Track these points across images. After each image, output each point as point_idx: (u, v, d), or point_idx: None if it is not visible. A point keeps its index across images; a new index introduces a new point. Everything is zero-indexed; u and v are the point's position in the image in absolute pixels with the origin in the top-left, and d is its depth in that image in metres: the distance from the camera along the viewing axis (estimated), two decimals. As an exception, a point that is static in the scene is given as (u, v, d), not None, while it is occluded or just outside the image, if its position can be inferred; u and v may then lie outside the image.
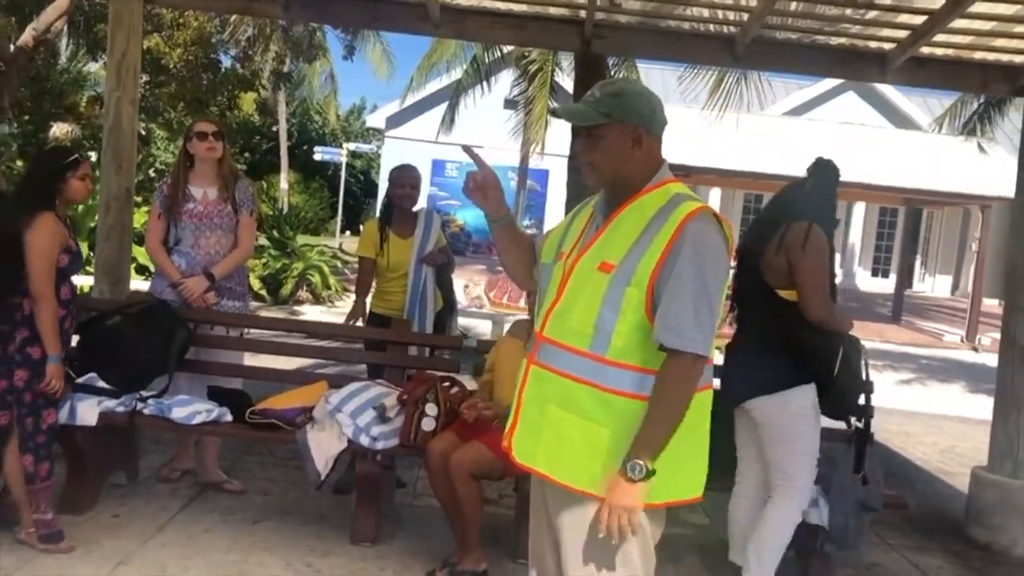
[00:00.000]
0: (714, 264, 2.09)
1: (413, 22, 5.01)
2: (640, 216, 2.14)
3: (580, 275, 2.17)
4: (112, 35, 4.80)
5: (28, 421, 3.46)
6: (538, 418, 2.20)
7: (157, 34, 13.29)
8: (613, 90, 2.20)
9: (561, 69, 15.92)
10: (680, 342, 2.03)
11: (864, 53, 5.10)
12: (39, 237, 3.41)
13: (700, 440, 2.22)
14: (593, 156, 2.20)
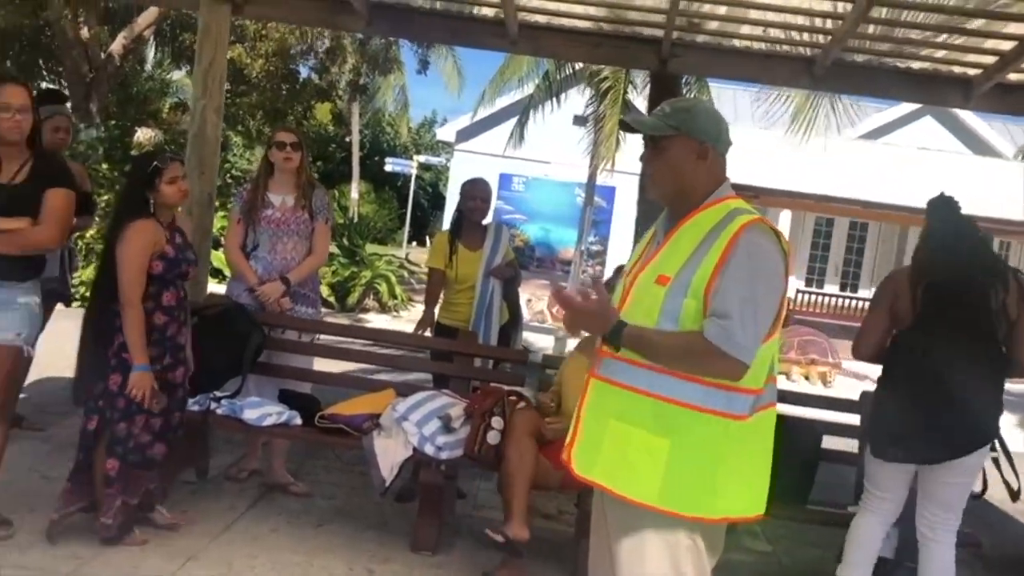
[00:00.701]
0: (766, 274, 2.11)
1: (491, 38, 5.08)
2: (697, 231, 2.18)
3: (639, 289, 2.23)
4: (200, 45, 4.96)
5: (120, 426, 3.46)
6: (599, 431, 2.22)
7: (240, 45, 13.67)
8: (683, 105, 2.30)
9: (634, 87, 15.88)
10: (724, 341, 2.03)
11: (948, 78, 4.99)
12: (125, 244, 3.47)
13: (763, 459, 2.24)
14: (657, 167, 2.26)
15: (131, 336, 3.44)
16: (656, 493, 2.11)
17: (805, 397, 4.76)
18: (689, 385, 2.11)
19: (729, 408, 2.12)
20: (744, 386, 2.12)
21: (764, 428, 2.22)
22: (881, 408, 3.49)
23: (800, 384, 11.26)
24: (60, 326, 7.81)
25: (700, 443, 2.11)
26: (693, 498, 2.11)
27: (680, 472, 2.10)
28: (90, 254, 9.90)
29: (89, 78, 12.73)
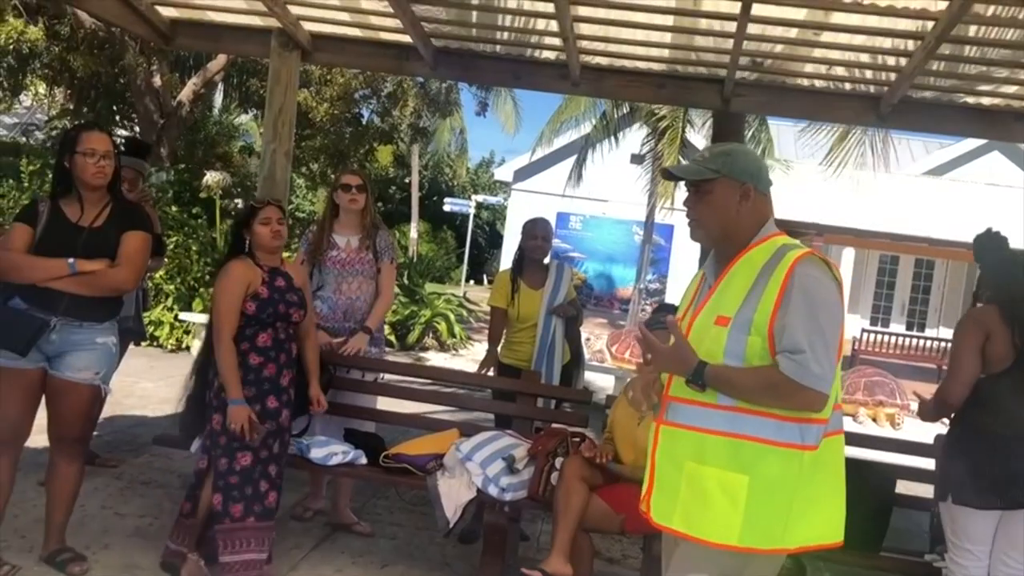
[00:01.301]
0: (826, 304, 2.13)
1: (554, 81, 5.13)
2: (750, 270, 2.22)
3: (698, 332, 2.25)
4: (271, 91, 5.10)
5: (222, 462, 3.55)
6: (675, 476, 2.24)
7: (306, 89, 14.02)
8: (723, 149, 2.35)
9: (691, 125, 15.89)
10: (803, 375, 2.06)
11: (1019, 114, 4.89)
12: (217, 283, 3.68)
13: (836, 485, 2.26)
14: (701, 211, 2.30)
15: (222, 372, 3.56)
16: (737, 533, 2.13)
17: (876, 440, 4.64)
18: (761, 420, 2.14)
19: (803, 440, 2.15)
20: (816, 416, 2.15)
21: (834, 454, 2.25)
22: (975, 455, 3.32)
23: (868, 426, 10.97)
24: (130, 364, 8.04)
25: (778, 477, 2.13)
26: (771, 532, 2.13)
27: (759, 507, 2.12)
28: (159, 294, 10.16)
29: (160, 123, 13.18)
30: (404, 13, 4.52)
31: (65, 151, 3.46)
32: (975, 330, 3.37)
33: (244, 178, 14.06)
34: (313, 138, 15.29)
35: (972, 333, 3.37)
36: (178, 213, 10.96)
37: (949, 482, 3.39)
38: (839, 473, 2.28)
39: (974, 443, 3.35)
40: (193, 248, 10.54)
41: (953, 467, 3.37)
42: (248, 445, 3.57)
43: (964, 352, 3.36)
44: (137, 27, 5.08)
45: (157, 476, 5.06)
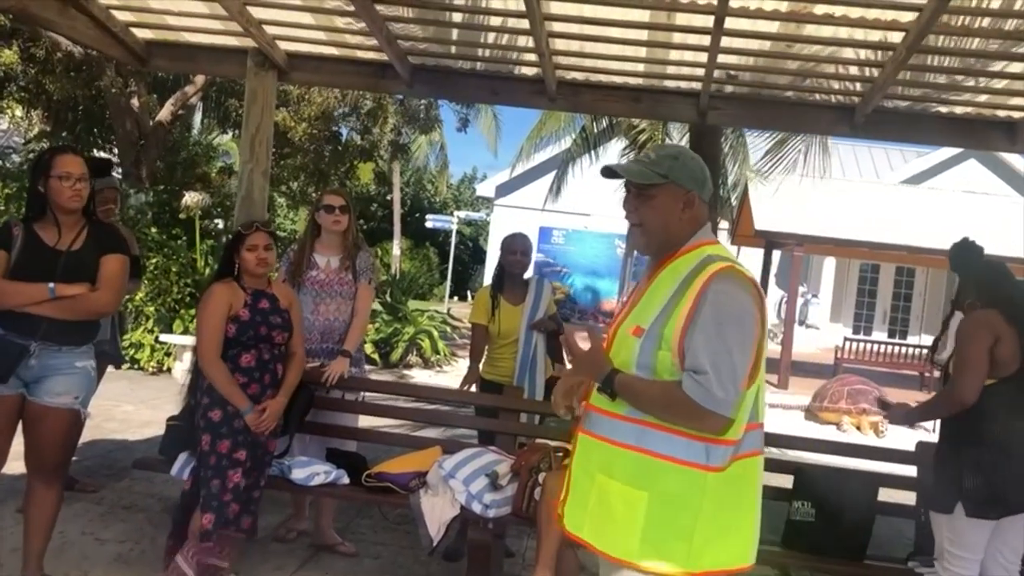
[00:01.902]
0: (736, 323, 2.06)
1: (531, 96, 5.15)
2: (673, 279, 2.16)
3: (618, 340, 2.22)
4: (247, 111, 5.09)
5: (214, 483, 3.57)
6: (587, 486, 2.20)
7: (284, 109, 14.00)
8: (670, 153, 2.25)
9: (670, 138, 15.98)
10: (703, 397, 2.00)
11: (991, 122, 4.95)
12: (199, 306, 3.73)
13: (747, 508, 2.19)
14: (644, 216, 2.23)
15: (222, 389, 3.60)
16: (636, 549, 2.07)
17: (858, 448, 4.67)
18: (667, 437, 2.08)
19: (708, 460, 2.07)
20: (723, 437, 2.08)
21: (747, 476, 2.17)
22: (986, 465, 3.29)
23: (852, 434, 11.02)
24: (111, 387, 7.98)
25: (677, 496, 2.07)
26: (673, 553, 2.06)
27: (659, 526, 2.06)
28: (139, 316, 10.09)
29: (139, 145, 13.12)
30: (380, 31, 4.53)
31: (39, 175, 3.43)
32: (985, 332, 3.35)
33: (224, 198, 13.99)
34: (292, 157, 15.27)
35: (982, 334, 3.34)
36: (157, 234, 10.90)
37: (957, 494, 3.31)
38: (753, 495, 2.21)
39: (984, 453, 3.30)
40: (173, 269, 10.49)
41: (965, 479, 3.29)
42: (238, 462, 3.59)
43: (976, 352, 3.32)
44: (112, 49, 5.06)
45: (138, 500, 5.01)
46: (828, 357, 16.97)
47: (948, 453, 3.44)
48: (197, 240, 11.40)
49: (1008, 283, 3.52)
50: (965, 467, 3.31)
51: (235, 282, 3.74)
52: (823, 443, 4.51)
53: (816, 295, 22.65)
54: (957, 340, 3.42)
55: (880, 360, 15.67)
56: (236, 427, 3.62)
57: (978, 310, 3.46)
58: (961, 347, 3.40)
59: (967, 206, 16.58)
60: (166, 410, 4.80)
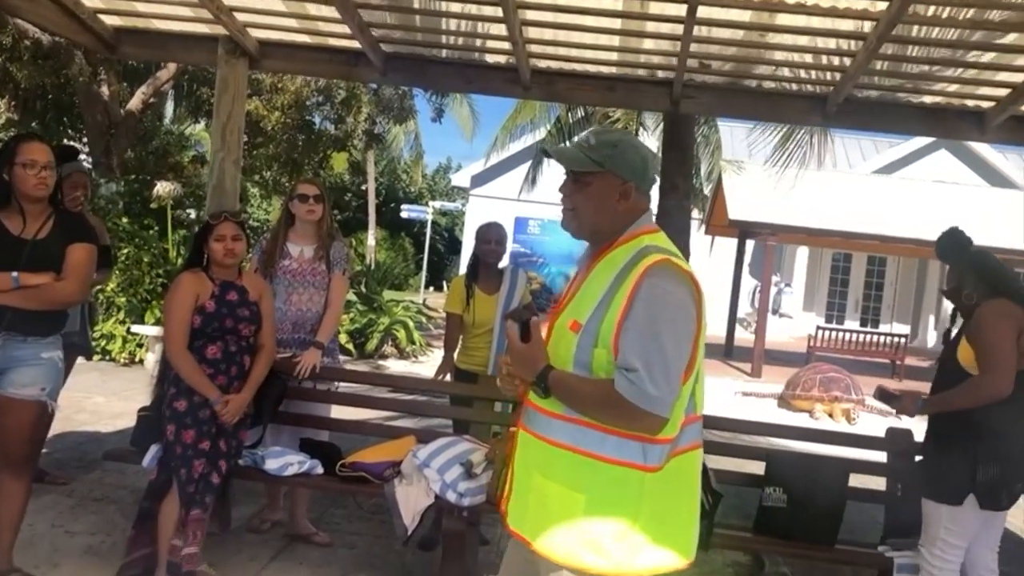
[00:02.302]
0: (670, 319, 2.00)
1: (505, 85, 5.14)
2: (609, 271, 2.09)
3: (556, 334, 2.15)
4: (218, 99, 5.04)
5: (181, 472, 3.55)
6: (527, 484, 2.15)
7: (257, 98, 13.89)
8: (610, 139, 2.15)
9: (644, 127, 16.01)
10: (636, 396, 1.94)
11: (961, 111, 5.00)
12: (167, 296, 3.69)
13: (687, 504, 2.15)
14: (577, 202, 2.15)
15: (189, 379, 3.58)
16: (575, 551, 2.03)
17: (829, 435, 4.72)
18: (602, 436, 2.02)
19: (645, 460, 2.02)
20: (659, 436, 2.02)
21: (685, 472, 2.12)
22: (1001, 457, 3.29)
23: (824, 422, 11.13)
24: (82, 379, 7.89)
25: (615, 497, 2.02)
26: (612, 554, 2.02)
27: (598, 528, 2.02)
28: (110, 307, 9.98)
29: (109, 134, 12.97)
30: (352, 19, 4.49)
31: (3, 163, 3.37)
32: (1010, 322, 3.31)
33: (196, 188, 13.88)
34: (265, 146, 15.16)
35: (1009, 324, 3.30)
36: (129, 225, 10.78)
37: (969, 485, 3.29)
38: (692, 490, 2.17)
39: (1000, 445, 3.29)
40: (145, 260, 10.38)
41: (980, 471, 3.27)
42: (203, 452, 3.58)
43: (1005, 343, 3.27)
44: (80, 36, 4.99)
45: (109, 492, 4.96)
46: (801, 346, 17.12)
47: (958, 444, 3.36)
48: (169, 230, 11.29)
49: (1006, 271, 3.53)
50: (980, 458, 3.28)
51: (203, 273, 3.71)
52: (794, 429, 4.55)
53: (789, 284, 22.84)
54: (980, 331, 3.33)
55: (852, 348, 15.83)
56: (201, 417, 3.60)
57: (992, 300, 3.39)
58: (988, 339, 3.31)
59: (938, 196, 16.77)
60: (138, 401, 4.76)
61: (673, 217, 5.53)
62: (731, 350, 16.81)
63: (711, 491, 3.93)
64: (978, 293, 3.47)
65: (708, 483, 3.94)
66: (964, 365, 3.38)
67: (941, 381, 3.53)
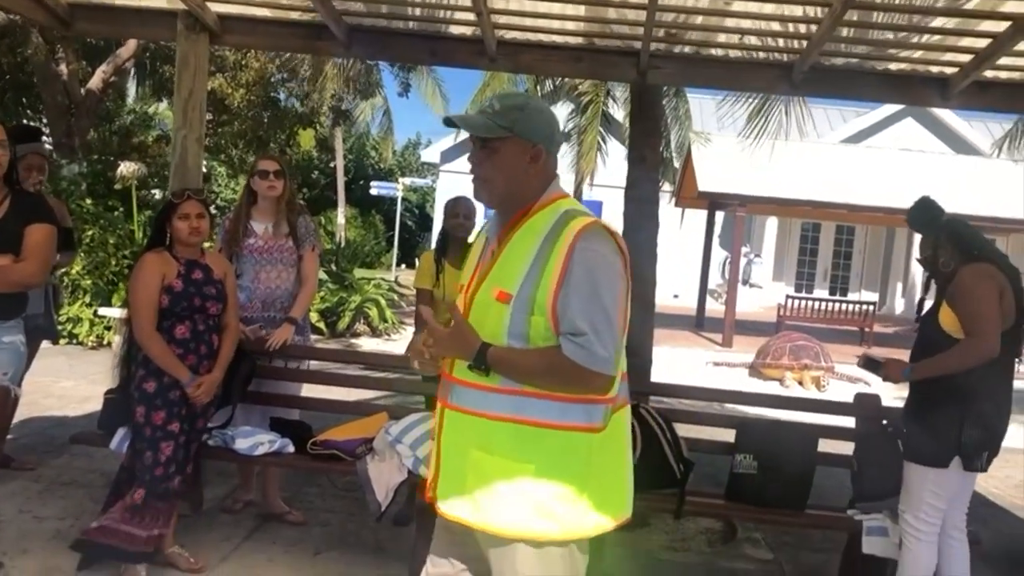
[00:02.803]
0: (608, 280, 2.01)
1: (470, 57, 5.08)
2: (532, 238, 2.07)
3: (480, 307, 2.10)
4: (179, 75, 4.94)
5: (147, 455, 3.50)
6: (460, 464, 2.10)
7: (221, 74, 13.68)
8: (515, 103, 2.14)
9: (613, 99, 15.99)
10: (586, 359, 1.95)
11: (925, 78, 5.01)
12: (132, 277, 3.63)
13: (623, 460, 2.17)
14: (487, 170, 2.12)
15: (159, 360, 3.53)
16: (524, 521, 2.02)
17: (799, 402, 4.76)
18: (545, 403, 2.02)
19: (589, 420, 2.04)
20: (600, 397, 2.05)
21: (620, 428, 2.14)
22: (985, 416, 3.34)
23: (794, 389, 11.26)
24: (49, 363, 7.79)
25: (565, 461, 2.02)
26: (565, 518, 2.02)
27: (547, 494, 2.01)
28: (76, 290, 9.84)
29: (70, 114, 12.72)
30: (313, -9, 4.41)
31: (-45, 143, 3.29)
32: (992, 284, 3.35)
33: (161, 168, 13.69)
34: (231, 124, 14.96)
35: (990, 286, 3.34)
36: (93, 206, 10.61)
37: (954, 448, 3.33)
38: (625, 445, 2.18)
39: (983, 407, 3.34)
40: (110, 241, 10.24)
41: (965, 433, 3.31)
42: (172, 434, 3.54)
43: (991, 304, 3.30)
44: (34, 13, 4.86)
45: (78, 476, 4.91)
46: (771, 315, 17.28)
47: (942, 407, 3.39)
48: (134, 211, 11.13)
49: (979, 236, 3.56)
50: (965, 421, 3.31)
51: (167, 252, 3.65)
52: (764, 397, 4.59)
53: (759, 255, 23.01)
54: (962, 295, 3.36)
55: (821, 317, 16.00)
56: (171, 398, 3.55)
57: (970, 264, 3.42)
58: (972, 302, 3.33)
59: (905, 164, 16.92)
60: (106, 385, 4.68)
61: (642, 189, 5.51)
62: (702, 321, 16.93)
63: (683, 460, 4.01)
64: (954, 260, 3.48)
65: (680, 452, 4.02)
66: (948, 331, 3.40)
67: (923, 348, 3.54)
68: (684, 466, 4.00)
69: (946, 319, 3.42)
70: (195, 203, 3.67)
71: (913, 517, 3.46)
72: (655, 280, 5.35)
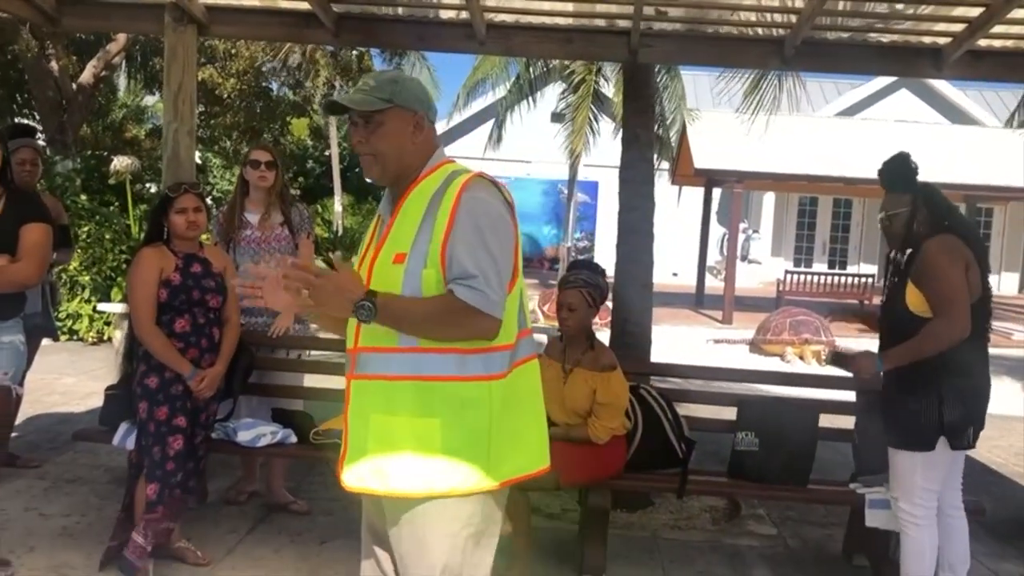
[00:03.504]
0: (493, 225, 2.04)
1: (460, 41, 5.05)
2: (421, 200, 2.10)
3: (378, 273, 2.10)
4: (168, 68, 4.92)
5: (155, 450, 3.49)
6: (363, 433, 2.07)
7: (211, 65, 13.63)
8: (390, 77, 2.17)
9: (605, 79, 15.92)
10: (477, 300, 1.95)
11: (918, 49, 4.99)
12: (130, 272, 3.62)
13: (533, 411, 2.19)
14: (376, 145, 2.13)
15: (160, 355, 3.53)
16: (432, 478, 2.01)
17: (800, 377, 4.77)
18: (443, 357, 2.02)
19: (488, 370, 2.04)
20: (498, 344, 2.05)
21: (528, 380, 2.16)
22: (960, 394, 3.26)
23: (795, 364, 11.27)
24: (50, 360, 7.80)
25: (468, 413, 2.03)
26: (474, 470, 2.02)
27: (456, 447, 2.01)
28: (75, 286, 9.84)
29: (62, 109, 12.67)
30: (300, -21, 4.39)
31: (-55, 143, 3.28)
32: (958, 258, 3.25)
33: (155, 161, 13.64)
34: (223, 115, 14.92)
35: (958, 261, 3.24)
36: (88, 202, 10.58)
37: (938, 429, 3.26)
38: (537, 399, 2.21)
39: (960, 383, 3.27)
40: (107, 237, 10.22)
41: (946, 412, 3.24)
42: (178, 428, 3.54)
43: (956, 281, 3.21)
44: (20, 9, 4.83)
45: (83, 473, 4.92)
46: (771, 291, 17.29)
47: (920, 389, 3.29)
48: (130, 205, 11.10)
49: (952, 206, 3.45)
50: (945, 399, 3.23)
51: (165, 246, 3.64)
52: (765, 374, 4.59)
53: (757, 231, 22.99)
54: (928, 273, 3.24)
55: (821, 291, 16.00)
56: (174, 393, 3.55)
57: (935, 236, 3.31)
58: (939, 280, 3.23)
59: (900, 135, 16.86)
60: (108, 380, 4.69)
61: (636, 169, 5.48)
62: (702, 298, 16.93)
63: (684, 439, 4.02)
64: (925, 227, 3.36)
65: (681, 432, 4.03)
66: (915, 311, 3.29)
67: (891, 332, 3.42)
68: (686, 445, 4.01)
69: (913, 299, 3.29)
70: (192, 197, 3.65)
71: (908, 504, 3.36)
72: (652, 260, 5.33)
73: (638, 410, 3.98)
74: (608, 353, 3.80)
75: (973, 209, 17.79)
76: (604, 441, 3.69)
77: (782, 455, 3.98)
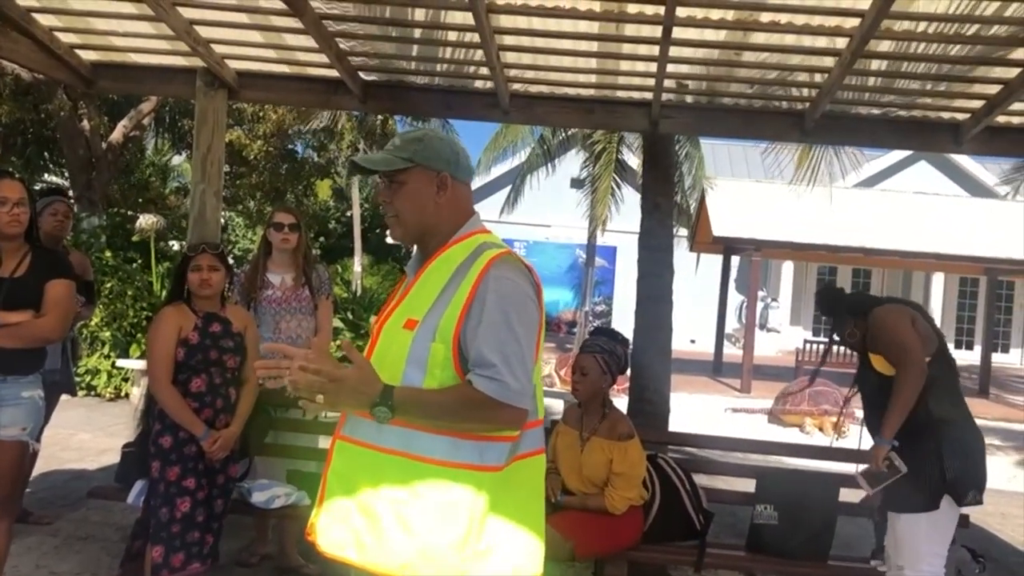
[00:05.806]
0: (520, 310, 1.95)
1: (485, 110, 5.14)
2: (446, 268, 2.03)
3: (387, 335, 2.04)
4: (198, 130, 5.03)
5: (163, 511, 3.48)
6: (345, 499, 1.99)
7: (238, 127, 13.90)
8: (415, 136, 2.13)
9: (628, 147, 16.10)
10: (498, 391, 1.86)
11: (937, 124, 5.03)
12: (150, 330, 3.67)
13: (533, 510, 2.05)
14: (397, 205, 2.09)
15: (174, 415, 3.54)
16: (411, 563, 1.90)
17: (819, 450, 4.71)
18: (433, 439, 1.92)
19: (482, 460, 1.93)
20: (497, 435, 1.94)
21: (528, 476, 2.04)
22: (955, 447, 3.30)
23: (815, 436, 11.13)
24: (67, 415, 7.82)
25: (451, 502, 1.91)
26: (451, 563, 1.90)
27: (435, 535, 1.90)
28: (95, 342, 9.91)
29: (91, 167, 12.93)
30: (329, 47, 4.50)
31: (-25, 201, 3.34)
32: (904, 315, 3.51)
33: (180, 219, 13.85)
34: (249, 175, 15.16)
35: (904, 317, 3.50)
36: (112, 258, 10.72)
37: (940, 488, 3.28)
38: (536, 497, 2.07)
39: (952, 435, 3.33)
40: (128, 293, 10.32)
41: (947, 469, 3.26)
42: (187, 490, 3.52)
43: (905, 329, 3.44)
44: (57, 72, 4.98)
45: (95, 531, 4.90)
46: (789, 360, 17.15)
47: (918, 451, 3.32)
48: (153, 263, 11.24)
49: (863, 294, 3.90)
50: (943, 452, 3.27)
51: (186, 305, 3.68)
52: (784, 446, 4.54)
53: (776, 299, 22.91)
54: (880, 334, 3.52)
55: (840, 361, 15.83)
56: (187, 454, 3.55)
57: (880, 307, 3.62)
58: (888, 334, 3.48)
59: (919, 207, 16.89)
60: (124, 437, 4.71)
61: (656, 237, 5.53)
62: (720, 366, 16.81)
63: (702, 511, 3.97)
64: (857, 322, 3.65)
65: (700, 503, 3.98)
66: (884, 373, 3.51)
67: (872, 403, 3.61)
68: (704, 517, 3.96)
69: (878, 363, 3.54)
70: (208, 256, 3.70)
71: (915, 572, 3.30)
72: (671, 327, 5.34)
73: (656, 480, 3.94)
74: (625, 422, 3.78)
75: (994, 282, 17.68)
76: (621, 511, 3.65)
77: (802, 529, 3.92)
